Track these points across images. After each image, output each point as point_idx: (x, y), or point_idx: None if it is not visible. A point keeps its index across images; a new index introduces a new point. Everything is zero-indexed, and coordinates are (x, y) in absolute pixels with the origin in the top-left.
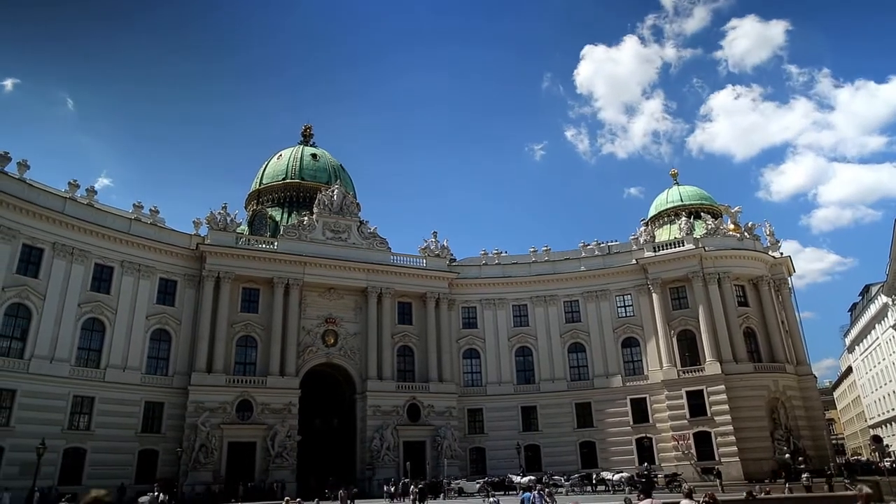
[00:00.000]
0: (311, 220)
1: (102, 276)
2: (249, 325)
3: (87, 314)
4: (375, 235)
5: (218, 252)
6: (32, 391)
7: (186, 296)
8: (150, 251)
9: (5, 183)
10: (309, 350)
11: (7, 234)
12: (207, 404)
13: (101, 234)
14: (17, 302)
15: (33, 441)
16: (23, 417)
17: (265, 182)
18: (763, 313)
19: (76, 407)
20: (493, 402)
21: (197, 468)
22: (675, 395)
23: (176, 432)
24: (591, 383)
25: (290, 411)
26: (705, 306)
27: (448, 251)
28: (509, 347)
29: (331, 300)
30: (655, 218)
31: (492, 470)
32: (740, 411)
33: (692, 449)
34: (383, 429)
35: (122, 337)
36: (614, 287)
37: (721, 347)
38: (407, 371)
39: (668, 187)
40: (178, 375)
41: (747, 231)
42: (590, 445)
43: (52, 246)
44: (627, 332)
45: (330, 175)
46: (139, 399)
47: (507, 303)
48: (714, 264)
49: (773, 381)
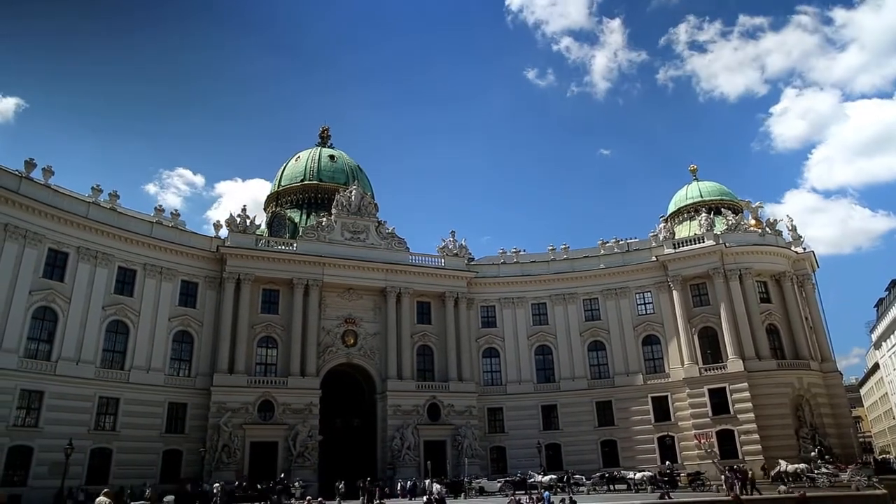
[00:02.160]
0: (330, 220)
1: (126, 279)
2: (270, 326)
3: (111, 316)
4: (394, 235)
5: (238, 254)
6: (60, 392)
7: (208, 297)
8: (172, 254)
9: (31, 189)
10: (329, 350)
11: (33, 239)
12: (229, 405)
13: (123, 238)
14: (44, 305)
15: (61, 441)
16: (51, 418)
17: (284, 184)
18: (786, 309)
19: (102, 408)
20: (513, 401)
21: (220, 468)
22: (697, 393)
23: (199, 432)
24: (611, 381)
25: (310, 411)
26: (727, 303)
27: (466, 250)
28: (529, 346)
29: (350, 300)
30: (675, 214)
31: (513, 469)
32: (764, 409)
33: (715, 447)
34: (404, 428)
35: (145, 339)
36: (634, 284)
37: (743, 344)
38: (426, 371)
39: (688, 183)
40: (200, 376)
41: (769, 226)
42: (611, 444)
43: (77, 250)
44: (648, 330)
45: (348, 176)
46: (163, 400)
47: (526, 301)
48: (735, 260)
49: (797, 379)
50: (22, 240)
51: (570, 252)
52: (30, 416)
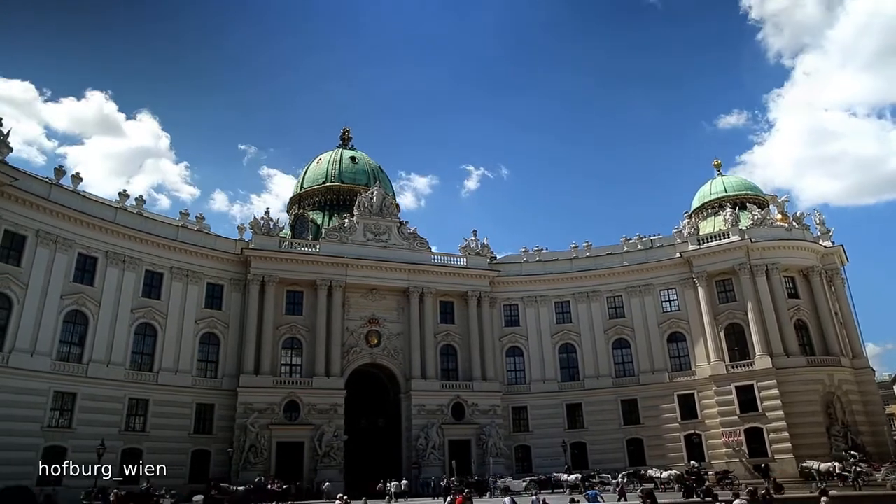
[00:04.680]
0: (352, 222)
1: (153, 282)
2: (294, 328)
3: (139, 319)
4: (415, 236)
5: (262, 256)
6: (91, 394)
7: (233, 299)
8: (198, 257)
9: (62, 195)
10: (353, 351)
11: (64, 244)
12: (256, 405)
13: (150, 242)
14: (75, 309)
15: (94, 442)
16: (83, 419)
17: (306, 186)
18: (815, 305)
19: (132, 409)
20: (538, 400)
21: (248, 468)
22: (724, 391)
23: (226, 433)
24: (636, 379)
25: (336, 411)
26: (753, 299)
27: (488, 249)
28: (552, 345)
29: (373, 301)
30: (699, 210)
31: (538, 468)
32: (793, 406)
33: (743, 446)
34: (428, 428)
35: (173, 341)
36: (658, 281)
37: (771, 341)
38: (450, 370)
39: (712, 178)
40: (226, 377)
41: (796, 221)
42: (637, 443)
43: (106, 254)
44: (673, 327)
45: (369, 177)
46: (190, 401)
47: (549, 300)
48: (762, 256)
49: (827, 375)
50: (53, 245)
51: (592, 249)
52: (63, 418)
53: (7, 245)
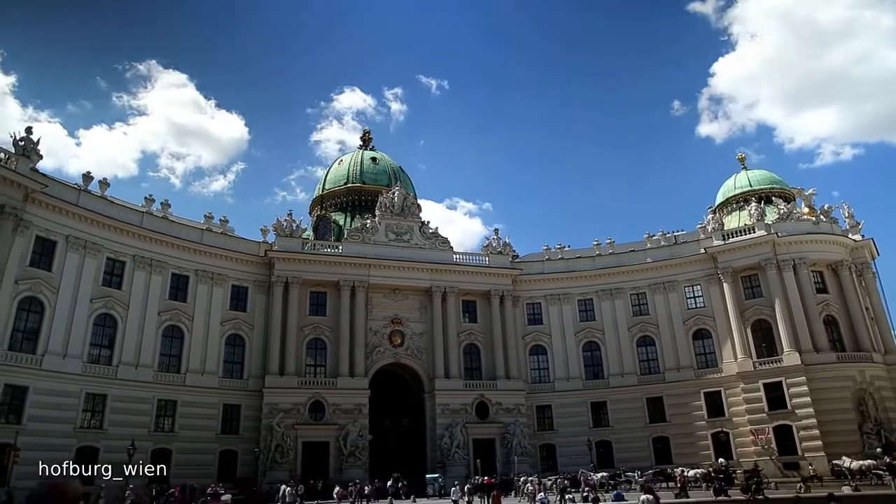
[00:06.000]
0: (374, 222)
1: (179, 285)
2: (318, 328)
3: (166, 322)
4: (437, 235)
5: (285, 258)
6: (121, 395)
7: (257, 301)
8: (222, 259)
9: (90, 201)
10: (377, 350)
11: (92, 249)
12: (281, 406)
13: (176, 245)
14: (104, 312)
15: (124, 442)
16: (114, 420)
17: (328, 187)
18: (845, 300)
19: (160, 410)
20: (562, 399)
21: (274, 467)
22: (751, 388)
23: (253, 433)
24: (662, 377)
25: (360, 411)
26: (781, 295)
27: (510, 248)
28: (576, 343)
29: (396, 301)
30: (723, 205)
31: (563, 466)
32: (823, 403)
33: (772, 443)
34: (452, 427)
35: (199, 343)
36: (682, 278)
37: (800, 337)
38: (474, 369)
39: (736, 172)
40: (252, 378)
41: (823, 214)
42: (663, 441)
43: (133, 258)
44: (698, 324)
45: (390, 177)
46: (217, 402)
47: (572, 298)
48: (788, 250)
49: (858, 371)
50: (82, 250)
51: (615, 246)
52: (94, 419)
53: (38, 251)
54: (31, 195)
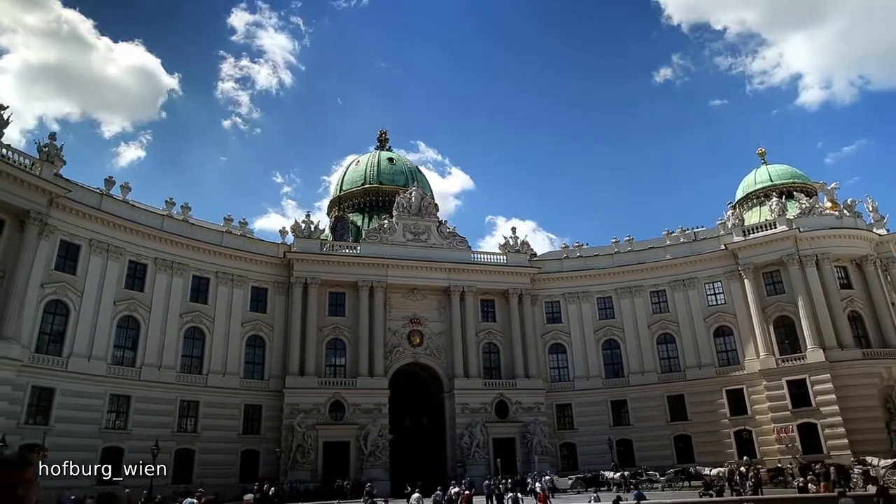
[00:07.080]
0: (392, 223)
1: (200, 287)
2: (337, 329)
3: (188, 323)
4: (455, 235)
5: (304, 259)
6: (145, 397)
7: (277, 302)
8: (242, 261)
9: (112, 205)
10: (396, 350)
11: (115, 252)
12: (302, 406)
13: (196, 248)
14: (127, 314)
15: (148, 443)
16: (137, 421)
17: (345, 188)
18: (870, 295)
19: (183, 411)
20: (582, 397)
21: (295, 467)
22: (774, 386)
23: (274, 433)
24: (682, 375)
25: (380, 411)
26: (803, 291)
27: (528, 247)
28: (595, 341)
29: (414, 300)
30: (743, 200)
31: (583, 465)
32: (849, 401)
33: (797, 442)
34: (472, 426)
35: (220, 344)
36: (702, 275)
37: (823, 333)
38: (493, 368)
39: (756, 167)
40: (273, 379)
41: (846, 208)
42: (685, 439)
43: (154, 261)
44: (719, 321)
45: (407, 178)
46: (239, 402)
47: (591, 296)
48: (811, 246)
49: (885, 368)
50: (105, 253)
51: (634, 244)
52: (119, 420)
53: (63, 254)
54: (56, 200)
